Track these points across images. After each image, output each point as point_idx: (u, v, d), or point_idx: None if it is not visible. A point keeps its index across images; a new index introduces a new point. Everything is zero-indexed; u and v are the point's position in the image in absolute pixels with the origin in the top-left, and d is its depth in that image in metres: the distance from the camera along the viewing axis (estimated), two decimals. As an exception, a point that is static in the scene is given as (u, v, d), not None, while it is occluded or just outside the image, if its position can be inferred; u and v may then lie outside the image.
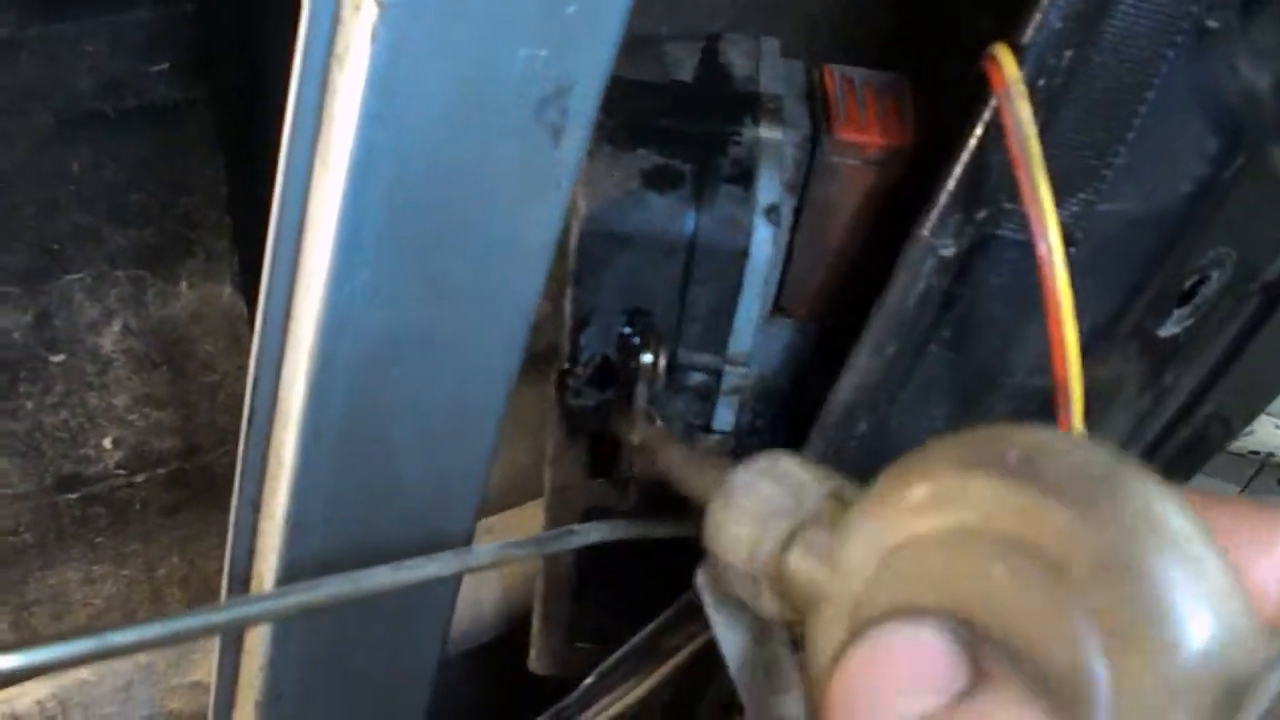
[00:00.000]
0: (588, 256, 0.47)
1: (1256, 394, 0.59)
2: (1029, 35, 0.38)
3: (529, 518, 0.83)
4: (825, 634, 0.26)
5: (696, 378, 0.50)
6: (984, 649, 0.22)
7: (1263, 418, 1.68)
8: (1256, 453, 1.65)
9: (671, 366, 0.49)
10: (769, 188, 0.47)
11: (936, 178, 0.42)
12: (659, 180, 0.46)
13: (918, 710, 0.22)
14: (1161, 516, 0.21)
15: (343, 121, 0.34)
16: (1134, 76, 0.40)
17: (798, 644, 0.36)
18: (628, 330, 0.48)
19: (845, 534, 0.26)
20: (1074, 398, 0.37)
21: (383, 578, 0.35)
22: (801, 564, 0.28)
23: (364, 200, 0.35)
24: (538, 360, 0.60)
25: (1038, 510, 0.22)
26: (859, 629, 0.24)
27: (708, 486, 0.34)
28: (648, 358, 0.47)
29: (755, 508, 0.31)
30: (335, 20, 0.33)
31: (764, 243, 0.47)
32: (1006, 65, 0.36)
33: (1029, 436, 0.23)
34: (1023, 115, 0.35)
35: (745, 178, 0.46)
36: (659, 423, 0.47)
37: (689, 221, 0.46)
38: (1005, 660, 0.21)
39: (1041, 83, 0.39)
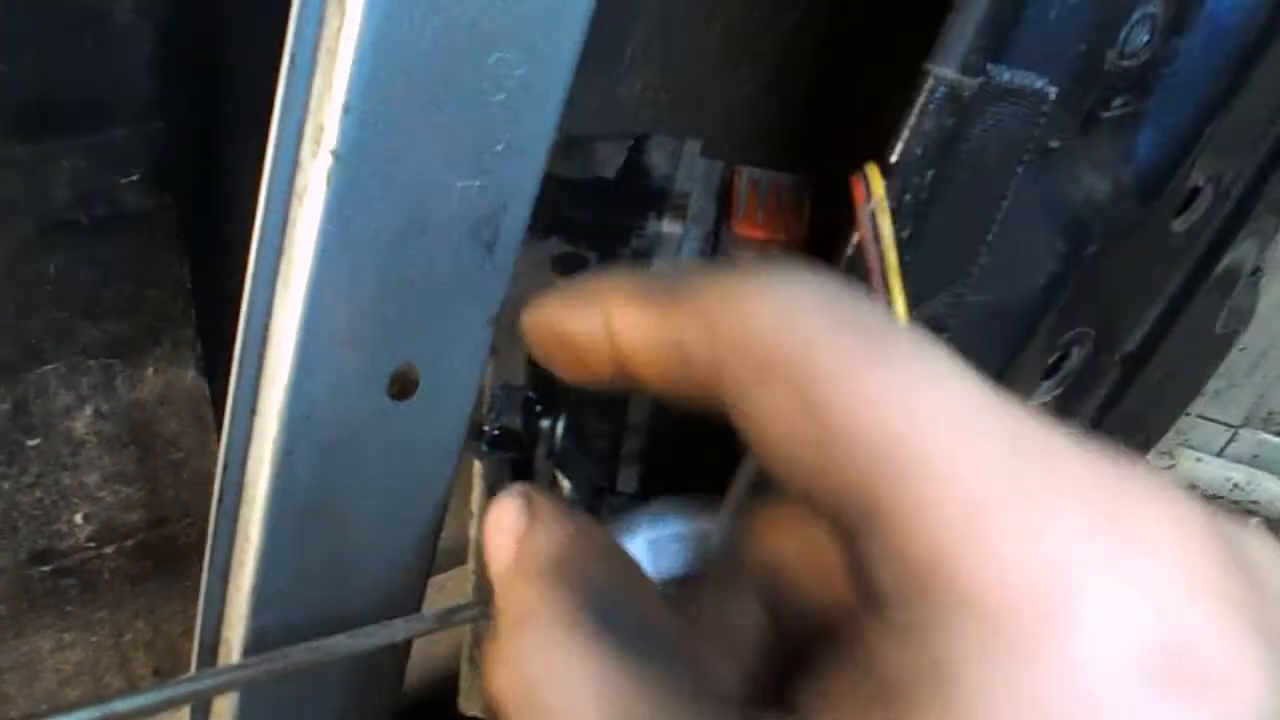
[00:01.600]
0: (502, 333, 0.52)
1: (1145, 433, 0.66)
2: (895, 157, 0.44)
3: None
4: None
5: (598, 443, 0.56)
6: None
7: (1185, 451, 1.75)
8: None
9: (575, 432, 0.55)
10: None
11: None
12: (565, 265, 0.52)
13: (501, 545, 0.31)
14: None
15: (302, 249, 0.39)
16: (989, 190, 0.47)
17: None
18: (532, 397, 0.54)
19: None
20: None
21: (340, 646, 0.40)
22: None
23: (321, 316, 0.40)
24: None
25: None
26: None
27: None
28: (546, 423, 0.53)
29: None
30: (295, 164, 0.38)
31: None
32: (875, 184, 0.42)
33: None
34: (884, 228, 0.41)
35: (643, 269, 0.52)
36: (562, 482, 0.53)
37: None
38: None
39: (908, 197, 0.45)
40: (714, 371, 0.26)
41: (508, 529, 0.31)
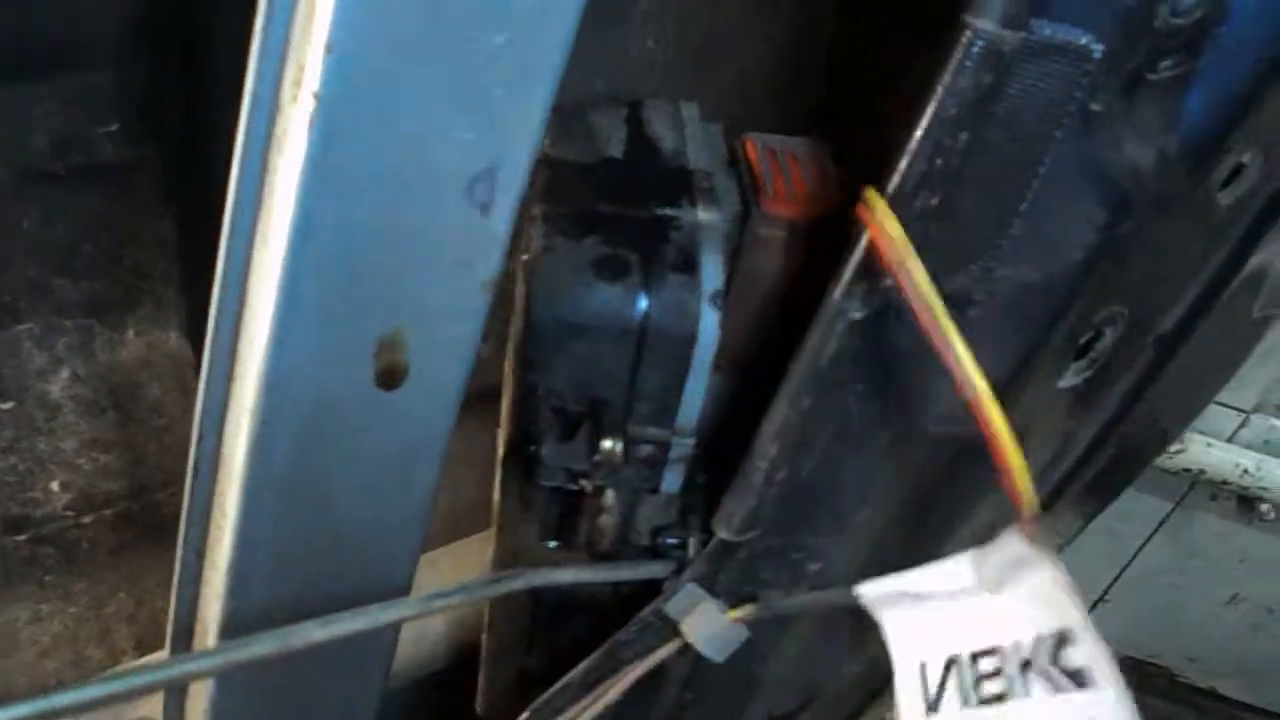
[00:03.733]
0: (542, 343, 0.49)
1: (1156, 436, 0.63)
2: (925, 119, 0.41)
3: (474, 550, 0.84)
4: None
5: (645, 449, 0.52)
6: None
7: (1195, 436, 1.72)
8: (1189, 470, 1.69)
9: (624, 441, 0.51)
10: (713, 274, 0.49)
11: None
12: (608, 270, 0.48)
13: None
14: None
15: (281, 202, 0.36)
16: (1025, 155, 0.43)
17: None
18: (582, 413, 0.50)
19: None
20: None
21: (312, 633, 0.37)
22: None
23: (302, 275, 0.37)
24: (481, 397, 0.62)
25: None
26: None
27: None
28: (608, 444, 0.49)
29: None
30: (274, 108, 0.35)
31: (711, 327, 0.49)
32: (876, 208, 0.39)
33: None
34: (915, 275, 0.38)
35: (690, 265, 0.48)
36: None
37: (639, 309, 0.48)
38: None
39: (939, 162, 0.42)
40: None
41: None
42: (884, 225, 0.40)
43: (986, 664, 0.41)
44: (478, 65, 0.35)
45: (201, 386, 0.42)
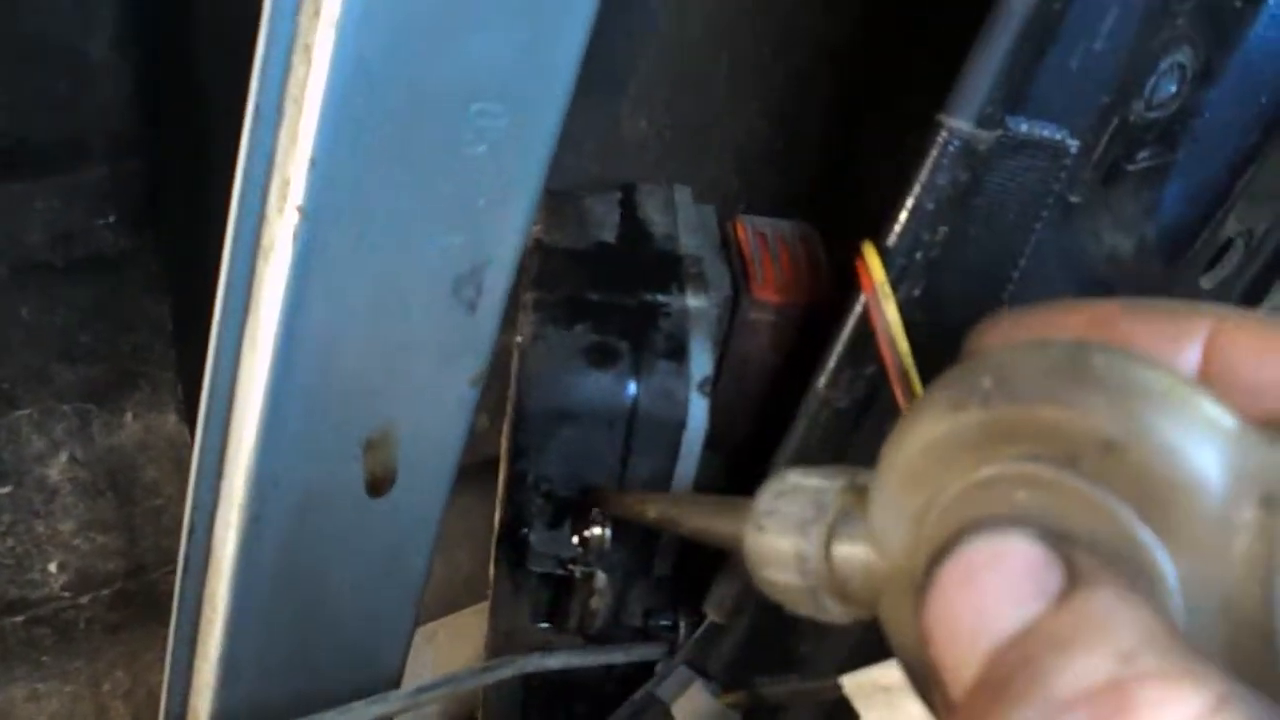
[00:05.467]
0: (533, 431, 0.49)
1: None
2: (902, 215, 0.42)
3: (472, 623, 0.84)
4: (898, 608, 0.27)
5: (637, 534, 0.52)
6: (1071, 547, 0.22)
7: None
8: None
9: (612, 527, 0.51)
10: (702, 361, 0.49)
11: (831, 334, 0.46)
12: (599, 357, 0.49)
13: (1024, 617, 0.21)
14: (1134, 379, 0.22)
15: (268, 309, 0.36)
16: (1006, 245, 0.44)
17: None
18: (571, 499, 0.50)
19: (875, 514, 0.27)
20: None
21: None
22: (848, 555, 0.29)
23: (288, 378, 0.38)
24: (477, 470, 0.63)
25: (1032, 422, 0.23)
26: (940, 552, 0.23)
27: (732, 525, 0.35)
28: (595, 530, 0.49)
29: (786, 523, 0.31)
30: (260, 220, 0.36)
31: (699, 413, 0.49)
32: (874, 268, 0.39)
33: (993, 361, 0.24)
34: (889, 316, 0.38)
35: (679, 352, 0.49)
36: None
37: (629, 396, 0.48)
38: (1091, 554, 0.21)
39: (919, 255, 0.42)
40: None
41: (1023, 583, 0.22)
42: (870, 261, 0.40)
43: None
44: (459, 175, 0.36)
45: (191, 483, 0.42)
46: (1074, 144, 0.42)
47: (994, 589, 0.22)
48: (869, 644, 0.53)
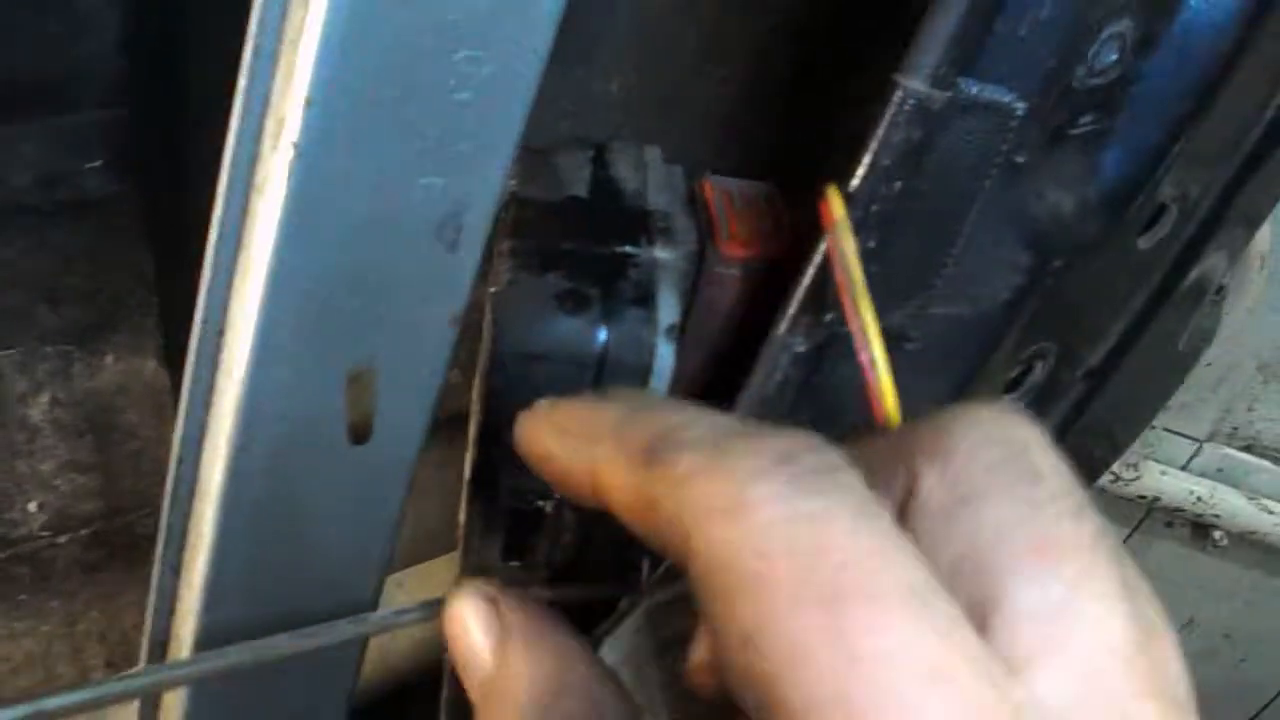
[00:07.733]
0: (506, 372, 0.51)
1: (1089, 465, 0.66)
2: (861, 169, 0.44)
3: (439, 571, 0.87)
4: None
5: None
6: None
7: (1150, 464, 1.77)
8: (1144, 497, 1.73)
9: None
10: (669, 309, 0.52)
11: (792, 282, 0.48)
12: (570, 303, 0.51)
13: None
14: None
15: (261, 241, 0.38)
16: (956, 202, 0.47)
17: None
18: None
19: None
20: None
21: (283, 645, 0.39)
22: None
23: (279, 310, 0.40)
24: (448, 424, 0.65)
25: None
26: None
27: None
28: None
29: None
30: (255, 156, 0.38)
31: (666, 358, 0.52)
32: (835, 206, 0.42)
33: None
34: (847, 249, 0.40)
35: (647, 300, 0.51)
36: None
37: (599, 341, 0.51)
38: None
39: (875, 208, 0.45)
40: (682, 542, 0.26)
41: (479, 648, 0.33)
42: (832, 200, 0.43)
43: None
44: (444, 120, 0.38)
45: (181, 413, 0.44)
46: (1021, 106, 0.44)
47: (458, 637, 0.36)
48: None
